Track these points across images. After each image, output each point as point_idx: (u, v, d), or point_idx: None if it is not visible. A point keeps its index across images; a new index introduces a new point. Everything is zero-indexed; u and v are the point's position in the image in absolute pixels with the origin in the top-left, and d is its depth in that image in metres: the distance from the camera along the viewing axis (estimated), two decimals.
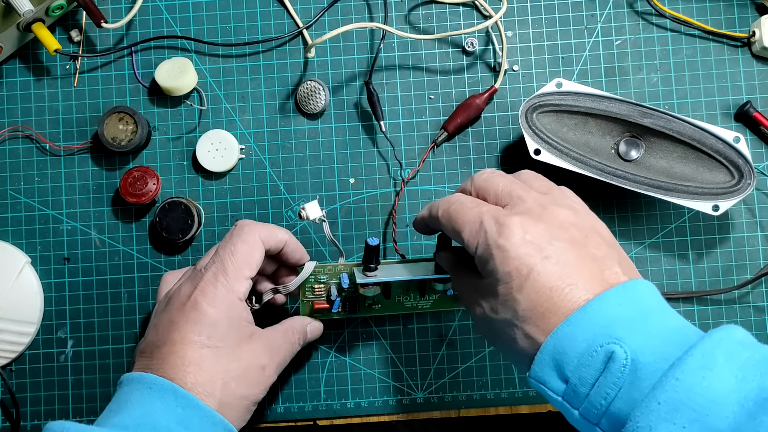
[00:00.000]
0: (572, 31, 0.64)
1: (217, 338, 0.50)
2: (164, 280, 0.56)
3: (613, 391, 0.39)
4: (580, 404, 0.41)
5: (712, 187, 0.57)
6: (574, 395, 0.41)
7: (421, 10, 0.65)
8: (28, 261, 0.63)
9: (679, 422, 0.37)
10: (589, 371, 0.40)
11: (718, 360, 0.38)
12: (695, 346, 0.39)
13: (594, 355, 0.40)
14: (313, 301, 0.57)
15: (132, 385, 0.49)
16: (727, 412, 0.37)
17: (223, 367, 0.50)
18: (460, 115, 0.62)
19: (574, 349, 0.41)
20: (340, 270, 0.56)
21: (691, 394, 0.37)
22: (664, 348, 0.40)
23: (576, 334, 0.41)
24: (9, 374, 0.63)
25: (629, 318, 0.41)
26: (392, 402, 0.62)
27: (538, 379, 0.42)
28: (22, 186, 0.64)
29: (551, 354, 0.41)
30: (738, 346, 0.39)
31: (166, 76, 0.62)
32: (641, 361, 0.39)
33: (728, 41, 0.64)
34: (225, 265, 0.51)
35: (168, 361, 0.49)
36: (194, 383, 0.48)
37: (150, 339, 0.51)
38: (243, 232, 0.53)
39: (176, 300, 0.51)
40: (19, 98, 0.65)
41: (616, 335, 0.40)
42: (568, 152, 0.58)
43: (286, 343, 0.54)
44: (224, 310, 0.50)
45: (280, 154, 0.64)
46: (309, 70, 0.65)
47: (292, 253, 0.56)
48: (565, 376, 0.41)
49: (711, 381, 0.37)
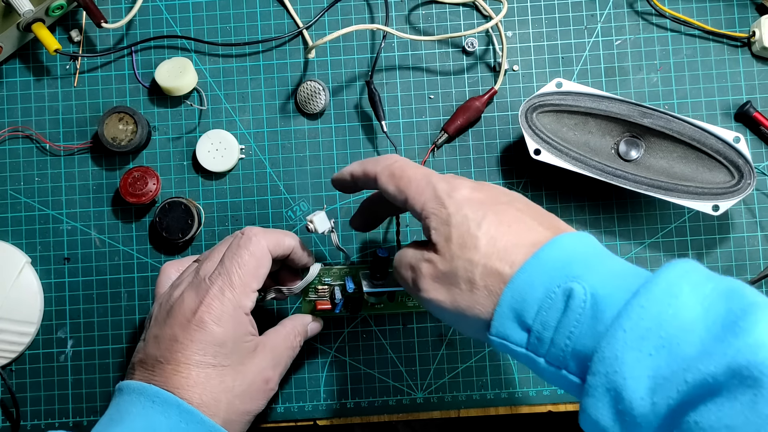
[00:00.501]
0: (572, 31, 0.64)
1: (223, 357, 0.48)
2: (164, 271, 0.55)
3: (576, 328, 0.39)
4: (545, 351, 0.40)
5: (712, 187, 0.57)
6: (538, 343, 0.40)
7: (421, 11, 0.65)
8: (28, 261, 0.63)
9: (645, 350, 0.37)
10: (550, 314, 0.40)
11: (684, 289, 0.38)
12: (659, 275, 0.38)
13: (553, 296, 0.40)
14: (315, 301, 0.57)
15: (133, 395, 0.48)
16: (695, 338, 0.36)
17: (228, 386, 0.48)
18: (460, 117, 0.62)
19: (533, 296, 0.40)
20: (345, 273, 0.56)
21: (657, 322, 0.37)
22: (624, 281, 0.39)
23: (533, 280, 0.40)
24: (9, 374, 0.63)
25: (584, 257, 0.41)
26: (392, 402, 0.62)
27: (500, 335, 0.41)
28: (22, 186, 0.64)
29: (510, 305, 0.41)
30: (702, 278, 0.39)
31: (166, 76, 0.62)
32: (601, 294, 0.39)
33: (728, 41, 0.64)
34: (232, 279, 0.49)
35: (172, 380, 0.47)
36: (199, 404, 0.47)
37: (151, 352, 0.49)
38: (251, 242, 0.50)
39: (179, 314, 0.49)
40: (19, 98, 0.65)
41: (573, 274, 0.40)
42: (568, 152, 0.58)
43: (288, 350, 0.53)
44: (231, 328, 0.48)
45: (280, 154, 0.64)
46: (309, 70, 0.65)
47: (299, 259, 0.54)
48: (526, 325, 0.40)
49: (677, 309, 0.37)
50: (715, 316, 0.37)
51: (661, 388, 0.36)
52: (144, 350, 0.50)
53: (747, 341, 0.35)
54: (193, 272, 0.52)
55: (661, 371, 0.36)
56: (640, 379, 0.36)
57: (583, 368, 0.39)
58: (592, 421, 0.38)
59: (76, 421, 0.62)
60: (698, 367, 0.35)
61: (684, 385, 0.35)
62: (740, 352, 0.34)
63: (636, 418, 0.36)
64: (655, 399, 0.36)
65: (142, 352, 0.50)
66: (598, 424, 0.38)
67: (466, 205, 0.44)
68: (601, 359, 0.37)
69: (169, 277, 0.54)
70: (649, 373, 0.36)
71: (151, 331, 0.50)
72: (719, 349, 0.35)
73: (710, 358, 0.35)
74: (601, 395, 0.37)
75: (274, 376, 0.52)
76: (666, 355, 0.36)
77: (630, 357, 0.37)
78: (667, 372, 0.36)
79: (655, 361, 0.36)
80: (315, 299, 0.57)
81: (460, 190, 0.45)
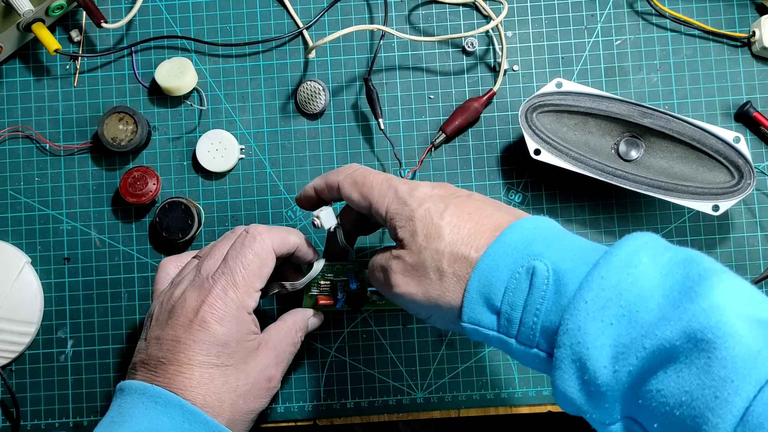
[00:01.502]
0: (572, 31, 0.64)
1: (226, 357, 0.48)
2: (162, 267, 0.54)
3: (541, 305, 0.40)
4: (515, 331, 0.41)
5: (712, 187, 0.57)
6: (508, 324, 0.41)
7: (421, 11, 0.65)
8: (28, 261, 0.63)
9: (606, 319, 0.37)
10: (516, 294, 0.41)
11: (642, 259, 0.38)
12: (618, 246, 0.39)
13: (518, 277, 0.41)
14: (317, 296, 0.57)
15: (135, 396, 0.47)
16: (653, 304, 0.37)
17: (232, 386, 0.48)
18: (459, 117, 0.62)
19: (499, 278, 0.41)
20: (348, 269, 0.56)
21: (617, 291, 0.38)
22: (584, 255, 0.40)
23: (497, 263, 0.41)
24: (9, 374, 0.63)
25: (544, 237, 0.42)
26: (392, 402, 0.62)
27: (472, 321, 0.42)
28: (22, 186, 0.64)
29: (478, 290, 0.42)
30: (660, 248, 0.40)
31: (166, 76, 0.62)
32: (563, 269, 0.40)
33: (728, 41, 0.64)
34: (235, 278, 0.48)
35: (175, 381, 0.47)
36: (203, 404, 0.47)
37: (153, 353, 0.48)
38: (255, 242, 0.49)
39: (181, 314, 0.48)
40: (19, 98, 0.65)
41: (534, 252, 0.41)
42: (568, 152, 0.58)
43: (289, 346, 0.53)
44: (234, 327, 0.48)
45: (280, 154, 0.64)
46: (309, 70, 0.65)
47: (303, 256, 0.54)
48: (495, 308, 0.41)
49: (636, 277, 0.38)
50: (673, 283, 0.37)
51: (622, 356, 0.37)
52: (146, 351, 0.49)
53: (702, 306, 0.35)
54: (194, 270, 0.51)
55: (621, 339, 0.37)
56: (603, 348, 0.37)
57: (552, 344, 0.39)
58: (561, 394, 0.39)
59: (76, 421, 0.62)
60: (655, 333, 0.36)
61: (642, 351, 0.36)
62: (695, 317, 0.35)
63: (600, 387, 0.37)
64: (617, 367, 0.37)
65: (144, 352, 0.49)
66: (566, 396, 0.39)
67: (427, 200, 0.45)
68: (565, 331, 0.38)
69: (167, 273, 0.54)
70: (611, 342, 0.37)
71: (152, 331, 0.50)
72: (675, 314, 0.36)
73: (667, 324, 0.36)
74: (567, 367, 0.38)
75: (277, 373, 0.52)
76: (626, 324, 0.37)
77: (592, 327, 0.37)
78: (627, 340, 0.37)
79: (616, 329, 0.37)
80: (317, 294, 0.56)
81: (420, 189, 0.46)
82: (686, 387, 0.35)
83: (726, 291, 0.36)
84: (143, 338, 0.51)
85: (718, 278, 0.36)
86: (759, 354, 0.34)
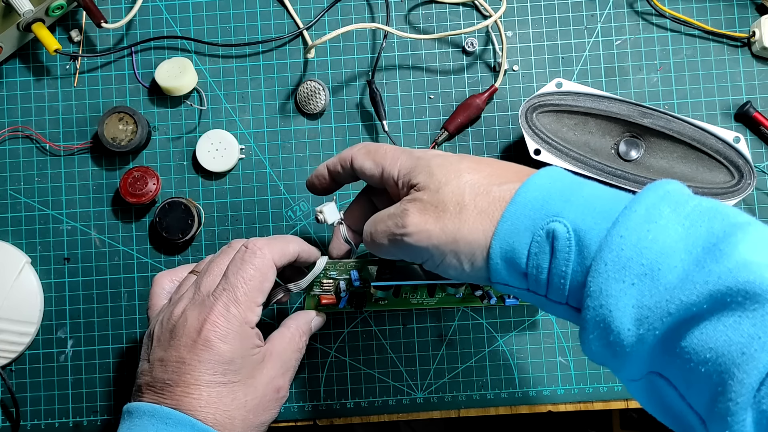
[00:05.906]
0: (572, 31, 0.64)
1: (232, 374, 0.47)
2: (157, 282, 0.53)
3: (566, 267, 0.39)
4: (544, 291, 0.41)
5: (712, 187, 0.57)
6: (537, 284, 0.41)
7: (421, 10, 0.65)
8: (28, 261, 0.63)
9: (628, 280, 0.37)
10: (541, 257, 0.40)
11: (663, 212, 0.38)
12: (638, 201, 0.38)
13: (539, 240, 0.40)
14: (320, 296, 0.56)
15: (144, 418, 0.46)
16: (675, 261, 0.36)
17: (241, 402, 0.48)
18: (461, 114, 0.62)
19: (521, 242, 0.41)
20: (350, 267, 0.56)
21: (637, 249, 0.37)
22: (604, 208, 0.39)
23: (517, 227, 0.41)
24: (9, 374, 0.63)
25: (560, 191, 0.41)
26: (392, 402, 0.62)
27: (501, 281, 0.42)
28: (22, 186, 0.64)
29: (501, 256, 0.41)
30: (684, 197, 0.39)
31: (166, 76, 0.62)
32: (583, 228, 0.39)
33: (728, 41, 0.64)
34: (237, 295, 0.48)
35: (183, 402, 0.46)
36: (213, 423, 0.46)
37: (158, 375, 0.47)
38: (255, 257, 0.49)
39: (183, 334, 0.47)
40: (19, 98, 0.65)
41: (553, 212, 0.40)
42: (568, 152, 0.58)
43: (295, 353, 0.53)
44: (238, 344, 0.47)
45: (280, 154, 0.64)
46: (309, 70, 0.65)
47: (306, 260, 0.53)
48: (522, 270, 0.41)
49: (657, 233, 0.37)
50: (696, 237, 0.37)
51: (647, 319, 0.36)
52: (150, 373, 0.48)
53: (728, 265, 0.35)
54: (193, 287, 0.50)
55: (644, 300, 0.36)
56: (626, 309, 0.37)
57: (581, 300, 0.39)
58: (588, 351, 0.40)
59: (76, 421, 0.62)
60: (680, 298, 0.35)
61: (668, 316, 0.36)
62: (721, 279, 0.35)
63: (626, 348, 0.37)
64: (641, 331, 0.36)
65: (149, 375, 0.48)
66: (593, 353, 0.39)
67: (441, 154, 0.46)
68: (588, 294, 0.38)
69: (163, 288, 0.53)
70: (633, 302, 0.37)
71: (155, 353, 0.48)
72: (700, 276, 0.35)
73: (693, 287, 0.35)
74: (593, 328, 0.38)
75: (285, 383, 0.51)
76: (649, 283, 0.37)
77: (614, 289, 0.37)
78: (650, 302, 0.36)
79: (638, 289, 0.37)
80: (319, 294, 0.56)
81: (432, 152, 0.47)
82: (711, 344, 0.34)
83: (751, 245, 0.35)
84: (145, 359, 0.49)
85: (743, 233, 0.36)
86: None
